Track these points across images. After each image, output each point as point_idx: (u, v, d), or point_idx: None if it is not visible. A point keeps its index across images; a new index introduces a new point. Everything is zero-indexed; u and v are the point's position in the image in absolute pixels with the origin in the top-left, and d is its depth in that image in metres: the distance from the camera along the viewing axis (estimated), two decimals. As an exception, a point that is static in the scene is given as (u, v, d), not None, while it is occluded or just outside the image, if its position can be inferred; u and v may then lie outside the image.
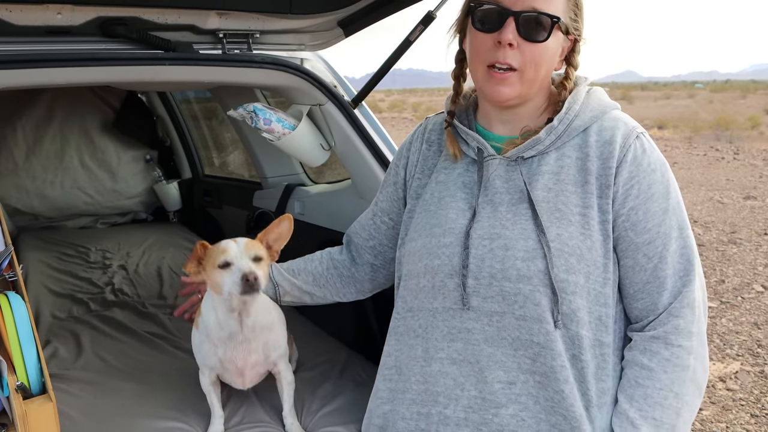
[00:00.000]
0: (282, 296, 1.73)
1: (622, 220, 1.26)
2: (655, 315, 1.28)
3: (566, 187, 1.27)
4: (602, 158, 1.27)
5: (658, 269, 1.27)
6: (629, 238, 1.27)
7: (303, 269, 1.73)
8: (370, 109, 2.25)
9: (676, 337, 1.26)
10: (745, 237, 7.23)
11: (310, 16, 2.05)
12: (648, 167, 1.26)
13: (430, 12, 1.93)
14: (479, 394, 1.29)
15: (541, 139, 1.29)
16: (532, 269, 1.24)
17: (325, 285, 1.71)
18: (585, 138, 1.30)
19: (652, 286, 1.28)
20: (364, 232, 1.66)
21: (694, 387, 1.27)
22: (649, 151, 1.28)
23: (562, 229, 1.25)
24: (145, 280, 3.14)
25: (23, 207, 3.85)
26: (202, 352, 1.73)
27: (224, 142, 4.14)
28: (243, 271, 1.48)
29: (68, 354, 2.29)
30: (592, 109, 1.31)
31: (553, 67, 1.31)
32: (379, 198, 1.63)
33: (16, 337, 1.48)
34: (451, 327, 1.32)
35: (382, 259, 1.65)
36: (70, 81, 1.81)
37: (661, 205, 1.26)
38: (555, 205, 1.27)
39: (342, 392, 1.95)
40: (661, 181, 1.27)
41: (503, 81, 1.27)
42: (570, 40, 1.31)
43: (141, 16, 1.88)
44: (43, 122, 3.90)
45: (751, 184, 10.75)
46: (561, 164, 1.29)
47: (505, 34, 1.23)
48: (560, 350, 1.24)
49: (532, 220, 1.26)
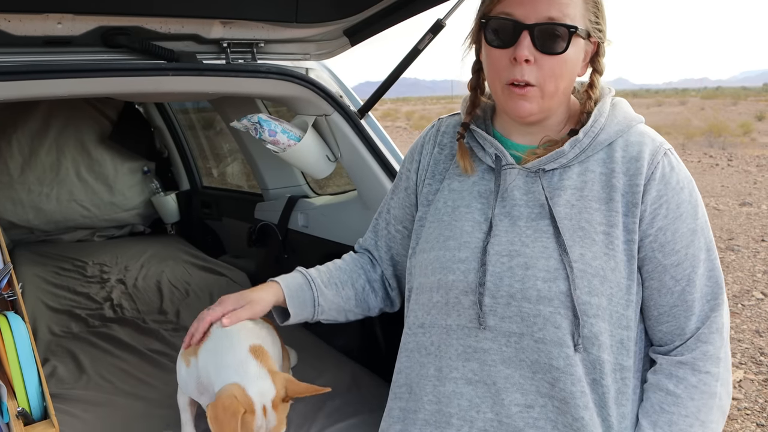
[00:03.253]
0: (318, 315, 1.51)
1: (649, 240, 1.21)
2: (681, 340, 1.23)
3: (590, 204, 1.22)
4: (629, 175, 1.21)
5: (685, 292, 1.22)
6: (656, 260, 1.21)
7: (346, 282, 1.52)
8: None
9: (704, 364, 1.21)
10: (743, 244, 7.23)
11: (316, 24, 2.01)
12: (676, 185, 1.21)
13: (440, 20, 1.89)
14: (495, 417, 1.23)
15: (565, 152, 1.24)
16: (554, 290, 1.18)
17: (365, 300, 1.54)
18: (610, 153, 1.24)
19: (679, 309, 1.22)
20: (380, 242, 1.57)
21: (719, 414, 1.23)
22: (677, 169, 1.23)
23: (586, 248, 1.19)
24: (144, 294, 3.08)
25: (18, 220, 3.79)
26: (182, 382, 1.57)
27: (223, 152, 4.09)
28: None
29: (68, 373, 2.22)
30: (618, 122, 1.26)
31: (575, 76, 1.25)
32: (390, 205, 1.55)
33: (17, 359, 1.42)
34: (466, 346, 1.26)
35: (401, 269, 1.56)
36: (71, 93, 1.76)
37: (689, 225, 1.21)
38: (578, 223, 1.21)
39: (351, 409, 1.90)
40: (689, 200, 1.22)
41: (523, 97, 1.20)
42: (593, 44, 1.24)
43: (143, 26, 1.84)
44: (39, 134, 3.84)
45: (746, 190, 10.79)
46: (584, 179, 1.24)
47: (521, 50, 1.16)
48: (580, 375, 1.19)
49: (554, 239, 1.20)
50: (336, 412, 1.89)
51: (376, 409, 1.76)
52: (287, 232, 2.75)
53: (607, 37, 1.26)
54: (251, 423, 1.29)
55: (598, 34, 1.23)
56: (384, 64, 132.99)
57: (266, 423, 1.33)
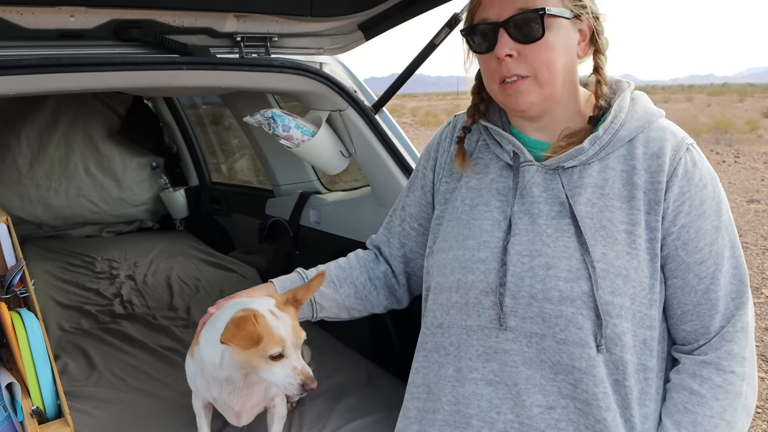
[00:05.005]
0: (318, 313, 1.55)
1: (672, 238, 1.18)
2: (706, 339, 1.21)
3: (611, 202, 1.19)
4: (650, 172, 1.19)
5: (710, 291, 1.19)
6: (679, 258, 1.19)
7: (344, 279, 1.54)
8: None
9: (729, 363, 1.19)
10: (751, 241, 7.18)
11: (331, 18, 1.98)
12: (699, 182, 1.18)
13: (456, 14, 1.86)
14: (516, 418, 1.21)
15: (584, 149, 1.21)
16: (576, 291, 1.16)
17: (366, 297, 1.55)
18: (631, 149, 1.21)
19: (703, 308, 1.20)
20: (393, 239, 1.56)
21: (745, 414, 1.20)
22: (699, 164, 1.20)
23: (608, 247, 1.17)
24: (154, 290, 3.06)
25: (27, 216, 3.77)
26: (195, 384, 1.60)
27: (232, 148, 4.07)
28: (303, 375, 1.37)
29: (79, 370, 2.21)
30: (639, 117, 1.22)
31: (571, 59, 1.22)
32: (406, 202, 1.53)
33: (30, 357, 1.40)
34: (486, 347, 1.24)
35: (414, 266, 1.55)
36: (84, 87, 1.74)
37: (713, 222, 1.18)
38: (599, 222, 1.18)
39: (366, 408, 1.88)
40: (713, 196, 1.19)
41: (517, 89, 1.20)
42: (585, 23, 1.21)
43: (156, 19, 1.81)
44: (47, 129, 3.83)
45: (754, 187, 10.73)
46: (605, 177, 1.21)
47: (499, 48, 1.17)
48: (602, 376, 1.16)
49: (576, 238, 1.18)
50: (351, 411, 1.87)
51: (392, 408, 1.74)
52: (299, 228, 2.73)
53: (597, 12, 1.23)
54: (264, 321, 1.36)
55: (582, 11, 1.20)
56: (391, 60, 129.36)
57: (281, 322, 1.39)
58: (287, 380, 1.37)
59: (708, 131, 19.07)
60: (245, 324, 1.33)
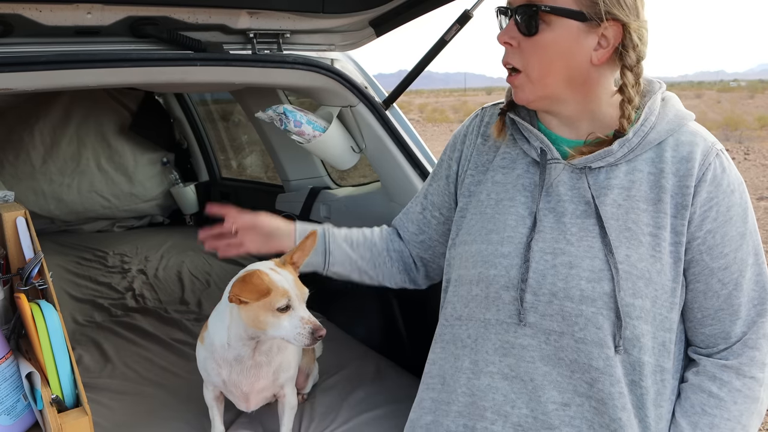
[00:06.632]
0: (330, 266, 1.55)
1: (697, 243, 1.18)
2: (726, 343, 1.22)
3: (637, 205, 1.19)
4: (679, 175, 1.18)
5: (732, 296, 1.19)
6: (704, 263, 1.19)
7: (362, 243, 1.56)
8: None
9: (749, 369, 1.20)
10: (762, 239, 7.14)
11: (343, 15, 2.00)
12: (727, 188, 1.18)
13: (467, 11, 1.88)
14: (531, 413, 1.23)
15: (613, 151, 1.20)
16: (597, 291, 1.16)
17: (381, 266, 1.56)
18: (660, 152, 1.21)
19: (724, 313, 1.20)
20: (412, 226, 1.56)
21: (758, 418, 1.22)
22: (728, 171, 1.20)
23: (632, 250, 1.17)
24: (165, 284, 3.10)
25: (40, 210, 3.83)
26: (206, 370, 1.66)
27: (242, 144, 4.10)
28: (312, 323, 1.42)
29: (94, 362, 2.25)
30: (669, 121, 1.22)
31: (578, 63, 1.17)
32: (428, 190, 1.53)
33: (50, 347, 1.43)
34: (504, 341, 1.25)
35: (432, 254, 1.56)
36: (100, 82, 1.76)
37: (739, 229, 1.18)
38: (625, 224, 1.19)
39: (376, 400, 1.90)
40: (740, 203, 1.19)
41: (513, 83, 1.22)
42: (611, 30, 1.14)
43: (171, 16, 1.83)
44: (60, 125, 3.88)
45: (764, 184, 10.65)
46: (632, 179, 1.21)
47: (501, 34, 1.19)
48: (619, 376, 1.18)
49: (600, 238, 1.18)
50: (361, 403, 1.89)
51: (401, 401, 1.76)
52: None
53: (630, 23, 1.14)
54: (268, 277, 1.44)
55: (604, 16, 1.11)
56: (399, 56, 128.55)
57: (283, 277, 1.46)
58: (296, 330, 1.42)
59: (718, 128, 18.93)
60: (251, 278, 1.41)
